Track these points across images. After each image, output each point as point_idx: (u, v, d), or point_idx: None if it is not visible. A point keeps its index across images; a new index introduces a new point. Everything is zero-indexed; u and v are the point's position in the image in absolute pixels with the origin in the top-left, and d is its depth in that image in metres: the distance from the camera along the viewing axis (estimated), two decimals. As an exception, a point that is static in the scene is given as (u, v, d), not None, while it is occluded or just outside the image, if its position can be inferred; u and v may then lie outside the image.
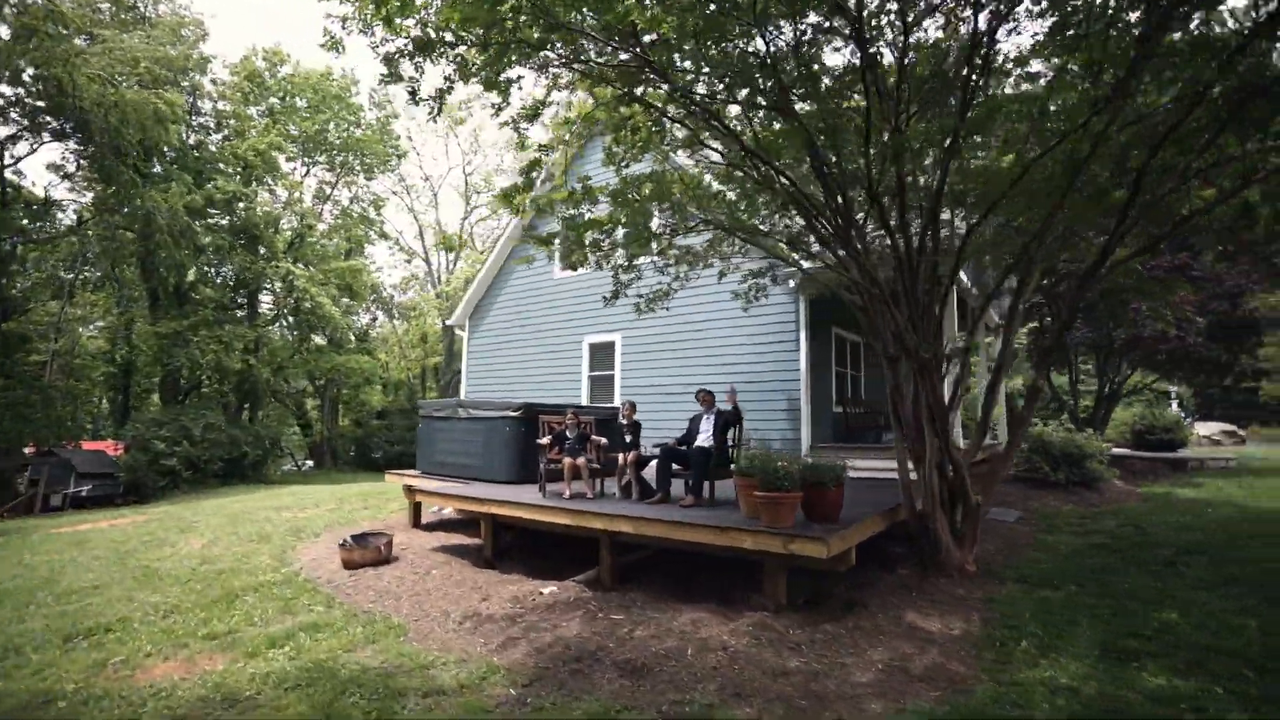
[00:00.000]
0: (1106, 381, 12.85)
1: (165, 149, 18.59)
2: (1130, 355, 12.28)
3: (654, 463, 6.38)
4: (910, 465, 5.81)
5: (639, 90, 6.11)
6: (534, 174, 7.21)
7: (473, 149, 32.52)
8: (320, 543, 7.74)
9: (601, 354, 12.88)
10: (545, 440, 6.74)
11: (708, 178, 7.14)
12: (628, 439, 6.61)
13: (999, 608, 4.64)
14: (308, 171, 24.56)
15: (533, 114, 6.19)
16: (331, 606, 5.44)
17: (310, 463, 27.65)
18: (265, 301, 23.65)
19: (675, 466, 6.24)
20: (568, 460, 6.46)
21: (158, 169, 18.50)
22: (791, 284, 10.44)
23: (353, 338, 25.56)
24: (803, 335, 10.30)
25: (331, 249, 24.88)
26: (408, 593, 5.72)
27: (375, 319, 32.32)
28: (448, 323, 16.04)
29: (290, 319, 22.53)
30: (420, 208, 33.08)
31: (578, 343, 13.21)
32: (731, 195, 6.83)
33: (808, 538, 4.44)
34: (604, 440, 6.76)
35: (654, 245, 7.25)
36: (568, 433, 6.78)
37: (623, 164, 7.02)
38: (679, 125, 6.43)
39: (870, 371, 14.02)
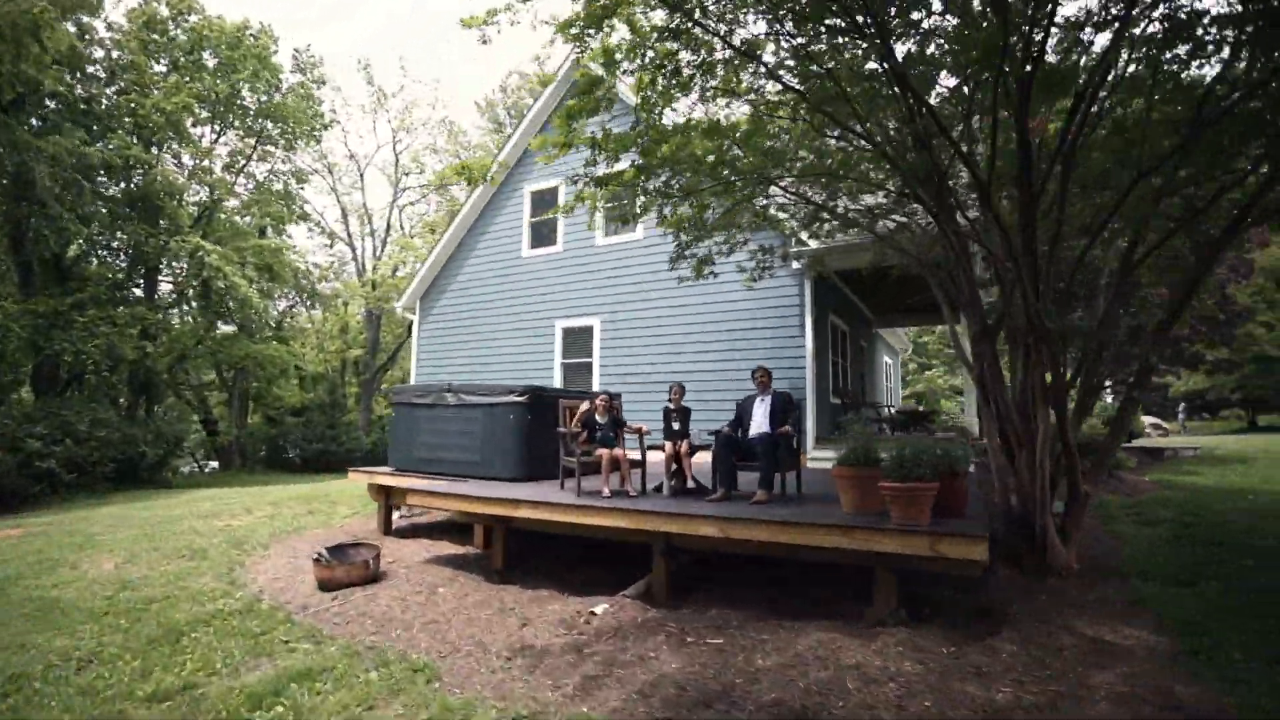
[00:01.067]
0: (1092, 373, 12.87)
1: (47, 99, 15.77)
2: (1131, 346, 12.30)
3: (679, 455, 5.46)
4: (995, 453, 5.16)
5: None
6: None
7: (404, 126, 29.99)
8: (272, 557, 6.27)
9: (577, 340, 11.76)
10: (574, 429, 5.63)
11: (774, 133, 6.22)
12: (675, 426, 5.62)
13: (1157, 610, 4.02)
14: (218, 137, 21.74)
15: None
16: (321, 643, 4.14)
17: (215, 464, 24.63)
18: (167, 281, 20.75)
19: (735, 459, 5.31)
20: (606, 452, 5.40)
21: (34, 123, 15.65)
22: (795, 264, 9.76)
23: (270, 325, 22.92)
24: (808, 319, 9.63)
25: (246, 225, 22.19)
26: (418, 620, 4.48)
27: (292, 307, 29.42)
28: (396, 306, 14.35)
29: (197, 302, 19.82)
30: (343, 189, 30.25)
31: (549, 327, 12.02)
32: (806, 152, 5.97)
33: (963, 536, 3.63)
34: (645, 428, 5.73)
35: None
36: (598, 418, 5.71)
37: (656, 109, 6.02)
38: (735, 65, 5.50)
39: (854, 362, 13.63)
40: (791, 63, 5.53)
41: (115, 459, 14.46)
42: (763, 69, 5.40)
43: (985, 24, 4.18)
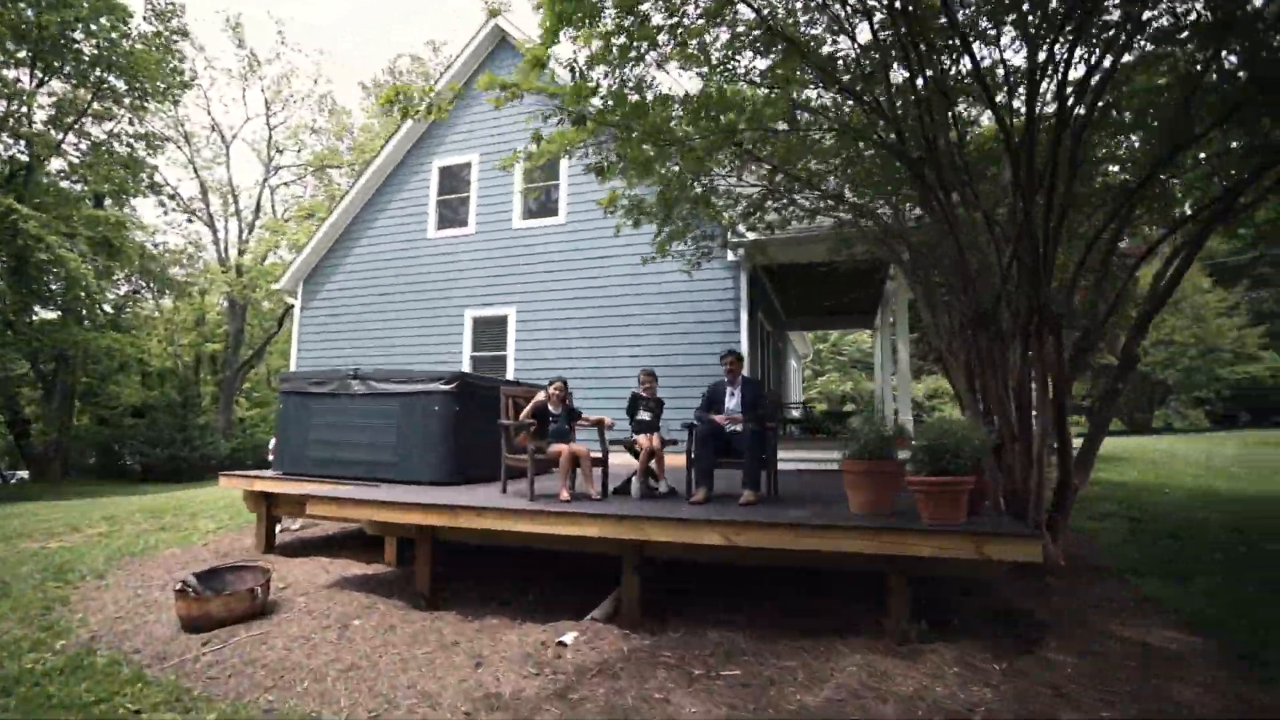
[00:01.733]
0: (1082, 364, 13.10)
1: None
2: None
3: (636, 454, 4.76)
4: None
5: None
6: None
7: (279, 98, 26.91)
8: (112, 589, 4.81)
9: (489, 330, 10.68)
10: (524, 420, 4.71)
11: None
12: (646, 418, 4.87)
13: (1171, 609, 3.80)
14: (41, 84, 18.17)
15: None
16: (193, 709, 2.98)
17: (24, 473, 20.51)
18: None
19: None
20: (565, 448, 4.53)
21: None
22: (732, 255, 9.35)
23: (106, 310, 19.50)
24: (744, 314, 9.24)
25: (78, 192, 18.76)
26: (333, 667, 3.40)
27: (137, 292, 25.40)
28: (275, 288, 12.46)
29: (5, 279, 16.32)
30: (203, 162, 26.57)
31: (458, 316, 10.84)
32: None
33: (1015, 536, 3.18)
34: (609, 421, 4.93)
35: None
36: (551, 409, 4.84)
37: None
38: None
39: (774, 363, 13.50)
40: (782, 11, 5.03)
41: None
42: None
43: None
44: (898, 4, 4.25)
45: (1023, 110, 4.38)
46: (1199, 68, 4.21)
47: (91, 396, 21.85)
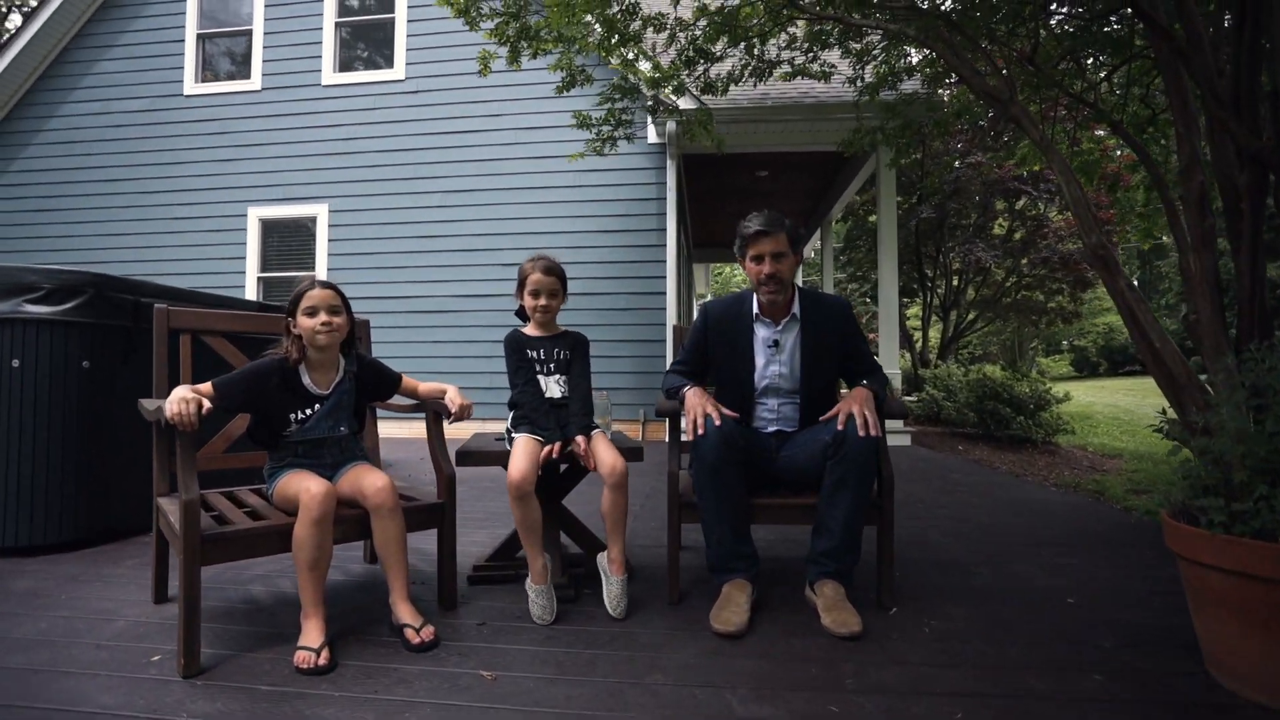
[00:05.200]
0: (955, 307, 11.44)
1: None
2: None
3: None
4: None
5: None
6: None
7: None
8: None
9: (286, 238, 7.10)
10: (208, 397, 1.57)
11: None
12: (556, 384, 1.96)
13: None
14: None
15: None
16: None
17: None
18: None
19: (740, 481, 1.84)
20: (317, 488, 1.51)
21: None
22: (654, 137, 6.44)
23: None
24: (671, 218, 6.42)
25: None
26: None
27: None
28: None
29: None
30: None
31: (236, 218, 7.09)
32: None
33: None
34: (457, 401, 1.91)
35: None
36: (303, 372, 1.75)
37: None
38: None
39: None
40: None
41: None
42: None
43: None
44: None
45: None
46: None
47: None
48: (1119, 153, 6.31)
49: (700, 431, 1.78)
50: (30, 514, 2.29)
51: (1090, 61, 4.45)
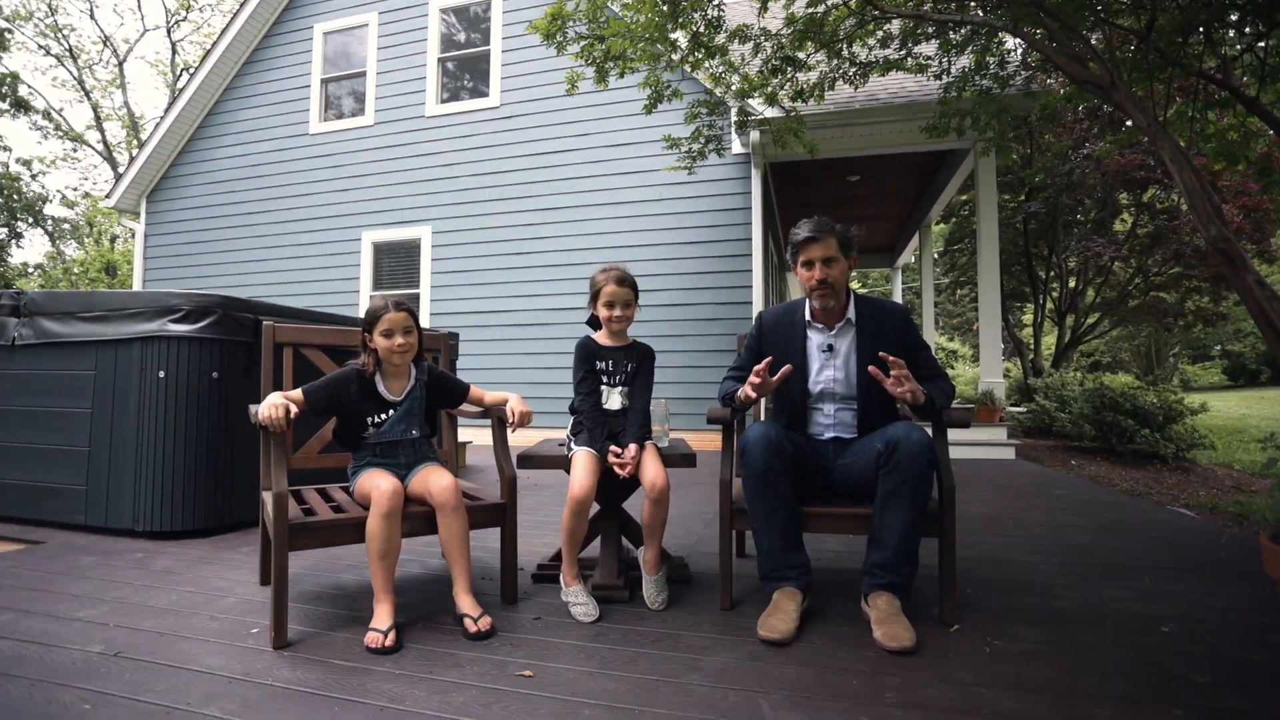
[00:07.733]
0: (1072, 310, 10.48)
1: None
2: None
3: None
4: None
5: None
6: None
7: (184, 5, 22.40)
8: None
9: (396, 258, 7.67)
10: (297, 402, 1.79)
11: None
12: (617, 395, 2.05)
13: None
14: None
15: None
16: None
17: None
18: None
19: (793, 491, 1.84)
20: (387, 485, 1.67)
21: None
22: (739, 147, 6.42)
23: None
24: (757, 227, 6.38)
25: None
26: None
27: (20, 235, 21.16)
28: (107, 205, 9.13)
29: None
30: (93, 83, 22.14)
31: (352, 241, 7.77)
32: None
33: None
34: (518, 410, 2.04)
35: None
36: (380, 381, 1.94)
37: None
38: None
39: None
40: None
41: None
42: None
43: None
44: None
45: None
46: None
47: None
48: (1272, 133, 5.60)
49: (753, 394, 1.86)
50: (171, 504, 2.65)
51: (1225, 34, 4.02)
